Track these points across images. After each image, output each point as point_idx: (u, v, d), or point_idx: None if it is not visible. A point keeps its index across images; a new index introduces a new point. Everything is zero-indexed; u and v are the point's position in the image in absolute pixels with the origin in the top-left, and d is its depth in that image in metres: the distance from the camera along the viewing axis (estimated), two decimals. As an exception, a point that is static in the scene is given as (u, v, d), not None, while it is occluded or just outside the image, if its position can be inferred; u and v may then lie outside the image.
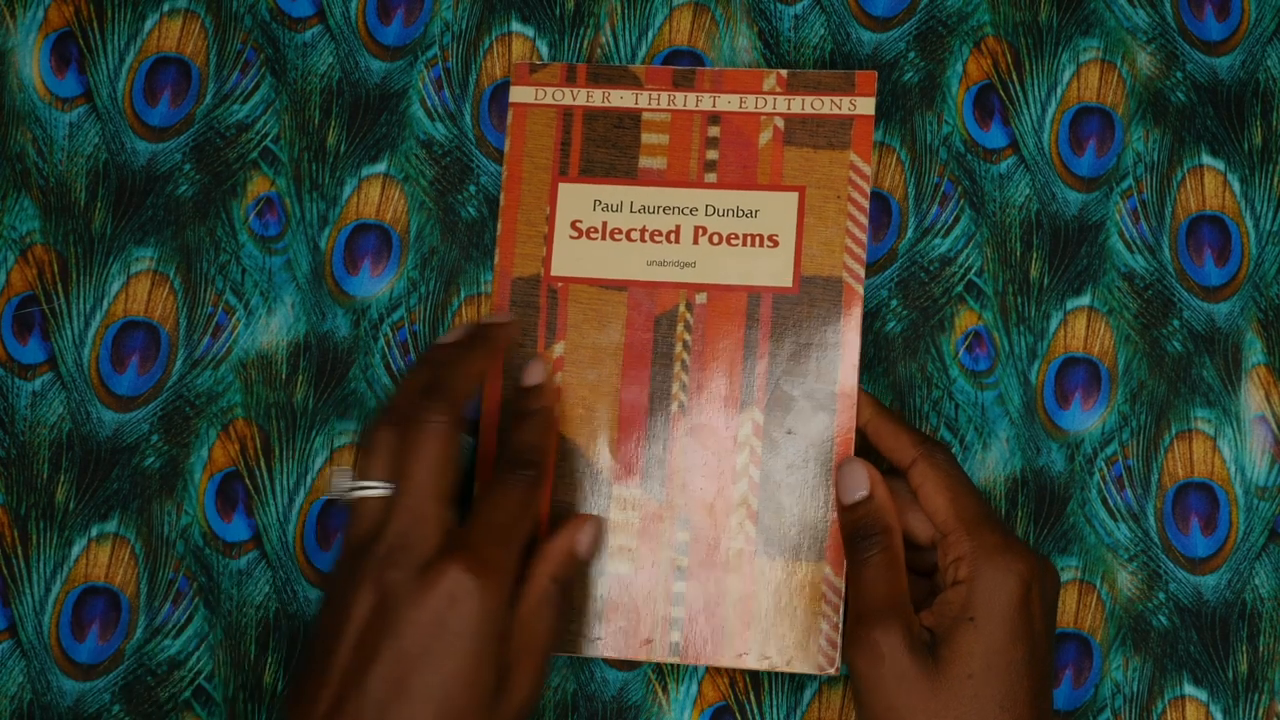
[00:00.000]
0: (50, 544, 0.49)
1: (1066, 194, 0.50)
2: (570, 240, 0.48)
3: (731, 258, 0.48)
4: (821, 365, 0.47)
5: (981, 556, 0.41)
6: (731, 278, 0.48)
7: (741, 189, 0.48)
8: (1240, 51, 0.51)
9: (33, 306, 0.50)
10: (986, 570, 0.41)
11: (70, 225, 0.50)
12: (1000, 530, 0.42)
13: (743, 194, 0.48)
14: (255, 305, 0.50)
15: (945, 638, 0.40)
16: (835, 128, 0.48)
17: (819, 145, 0.48)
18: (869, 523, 0.43)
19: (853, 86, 0.48)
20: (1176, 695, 0.48)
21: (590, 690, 0.48)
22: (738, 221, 0.48)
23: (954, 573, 0.42)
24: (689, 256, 0.48)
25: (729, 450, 0.47)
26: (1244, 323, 0.50)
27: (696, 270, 0.48)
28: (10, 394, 0.50)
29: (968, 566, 0.41)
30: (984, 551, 0.41)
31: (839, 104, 0.48)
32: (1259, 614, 0.48)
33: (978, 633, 0.40)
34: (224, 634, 0.48)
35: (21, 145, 0.51)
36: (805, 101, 0.48)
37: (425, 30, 0.52)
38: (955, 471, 0.44)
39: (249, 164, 0.51)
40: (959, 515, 0.42)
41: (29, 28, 0.51)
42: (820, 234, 0.47)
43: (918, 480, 0.43)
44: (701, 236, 0.48)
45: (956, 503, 0.42)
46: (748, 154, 0.48)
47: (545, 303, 0.48)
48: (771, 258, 0.47)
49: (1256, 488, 0.49)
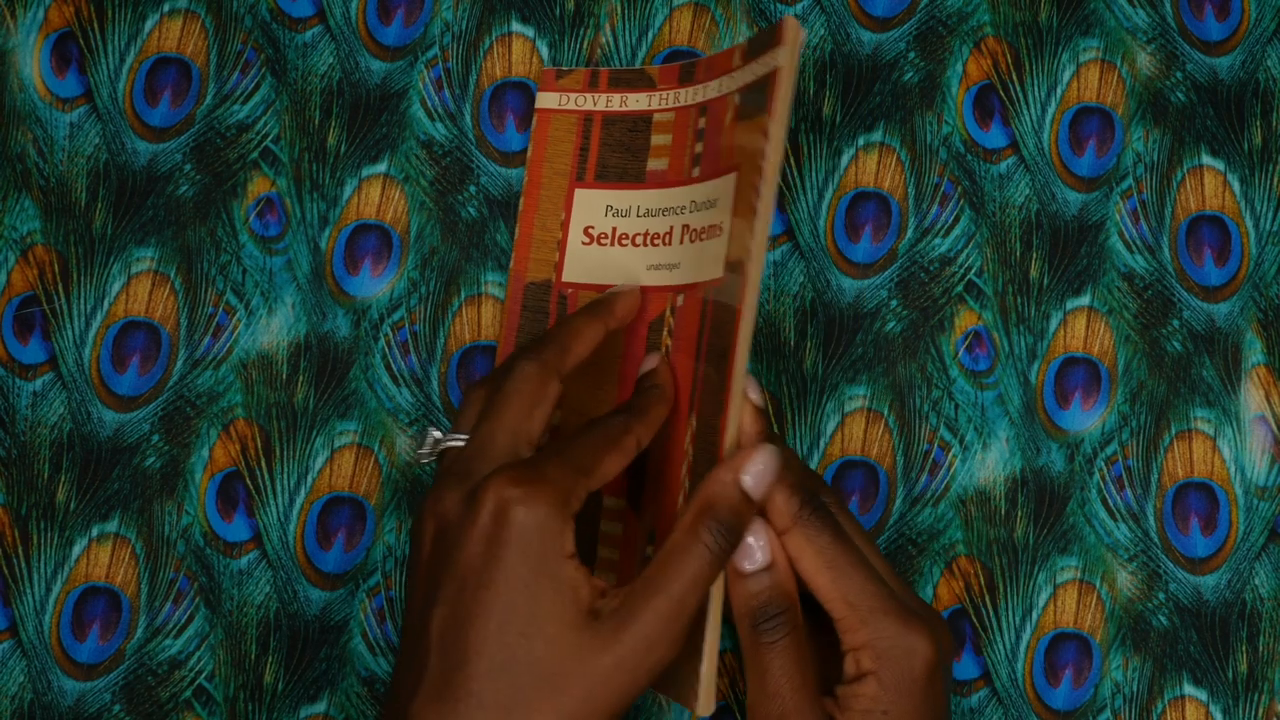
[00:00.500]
0: (51, 544, 0.49)
1: (1066, 194, 0.50)
2: (582, 247, 0.48)
3: (700, 253, 0.43)
4: (722, 366, 0.40)
5: (883, 644, 0.38)
6: (696, 275, 0.43)
7: (713, 178, 0.44)
8: (1240, 51, 0.51)
9: (33, 307, 0.50)
10: (891, 659, 0.38)
11: (71, 225, 0.50)
12: (894, 608, 0.38)
13: (712, 184, 0.44)
14: (256, 305, 0.50)
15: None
16: (758, 92, 0.41)
17: (749, 115, 0.42)
18: (772, 600, 0.38)
19: (776, 39, 0.40)
20: (1176, 695, 0.48)
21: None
22: (706, 214, 0.44)
23: (856, 664, 0.38)
24: (676, 258, 0.45)
25: (679, 461, 0.42)
26: (1244, 323, 0.50)
27: (679, 271, 0.45)
28: (11, 394, 0.50)
29: (870, 659, 0.38)
30: (885, 642, 0.38)
31: (769, 62, 0.40)
32: (1259, 614, 0.48)
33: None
34: (225, 634, 0.48)
35: (22, 145, 0.51)
36: (751, 69, 0.42)
37: (425, 30, 0.52)
38: (831, 543, 0.39)
39: (249, 164, 0.51)
40: (845, 599, 0.38)
41: (29, 28, 0.51)
42: (743, 215, 0.41)
43: (794, 553, 0.39)
44: (685, 235, 0.45)
45: (839, 583, 0.38)
46: (720, 140, 0.44)
47: (555, 309, 0.48)
48: (716, 247, 0.42)
49: (1256, 488, 0.49)
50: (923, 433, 0.49)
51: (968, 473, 0.49)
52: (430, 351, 0.50)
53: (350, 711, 0.48)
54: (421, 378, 0.50)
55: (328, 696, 0.48)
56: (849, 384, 0.50)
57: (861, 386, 0.50)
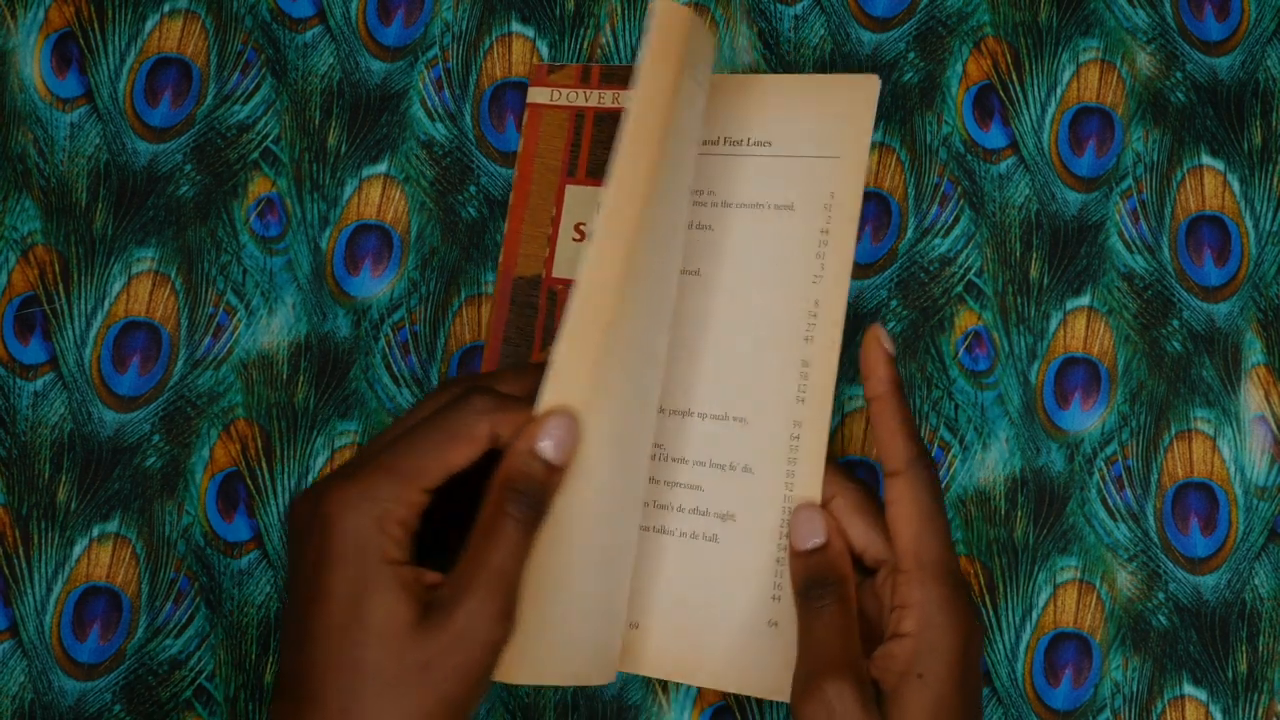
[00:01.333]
0: (51, 544, 0.49)
1: (1066, 194, 0.50)
2: (573, 243, 0.48)
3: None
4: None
5: (931, 611, 0.40)
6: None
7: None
8: (1240, 51, 0.51)
9: (34, 307, 0.50)
10: (934, 626, 0.40)
11: (71, 226, 0.51)
12: (951, 580, 0.41)
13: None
14: (256, 305, 0.50)
15: (893, 693, 0.40)
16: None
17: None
18: (824, 572, 0.41)
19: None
20: (1176, 695, 0.48)
21: (590, 690, 0.48)
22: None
23: (899, 621, 0.40)
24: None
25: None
26: (1244, 323, 0.50)
27: None
28: (12, 394, 0.50)
29: (914, 620, 0.40)
30: (933, 606, 0.40)
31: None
32: (1259, 614, 0.48)
33: (926, 689, 0.39)
34: (225, 634, 0.49)
35: (23, 146, 0.51)
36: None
37: (425, 31, 0.52)
38: (931, 501, 0.41)
39: (250, 164, 0.51)
40: (918, 556, 0.41)
41: (30, 28, 0.52)
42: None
43: (893, 496, 0.42)
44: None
45: (920, 539, 0.41)
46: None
47: (544, 304, 0.48)
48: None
49: (1256, 488, 0.49)
50: (923, 433, 0.49)
51: (968, 473, 0.49)
52: (430, 351, 0.50)
53: (350, 711, 0.48)
54: (421, 378, 0.50)
55: (328, 696, 0.48)
56: (848, 384, 0.50)
57: (861, 386, 0.50)
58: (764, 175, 0.45)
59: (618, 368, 0.40)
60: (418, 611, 0.36)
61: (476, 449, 0.39)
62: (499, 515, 0.37)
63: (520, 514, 0.38)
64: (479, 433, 0.39)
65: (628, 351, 0.40)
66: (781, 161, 0.45)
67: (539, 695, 0.48)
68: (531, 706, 0.48)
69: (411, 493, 0.38)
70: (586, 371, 0.39)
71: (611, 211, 0.39)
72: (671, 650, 0.44)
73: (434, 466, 0.38)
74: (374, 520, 0.37)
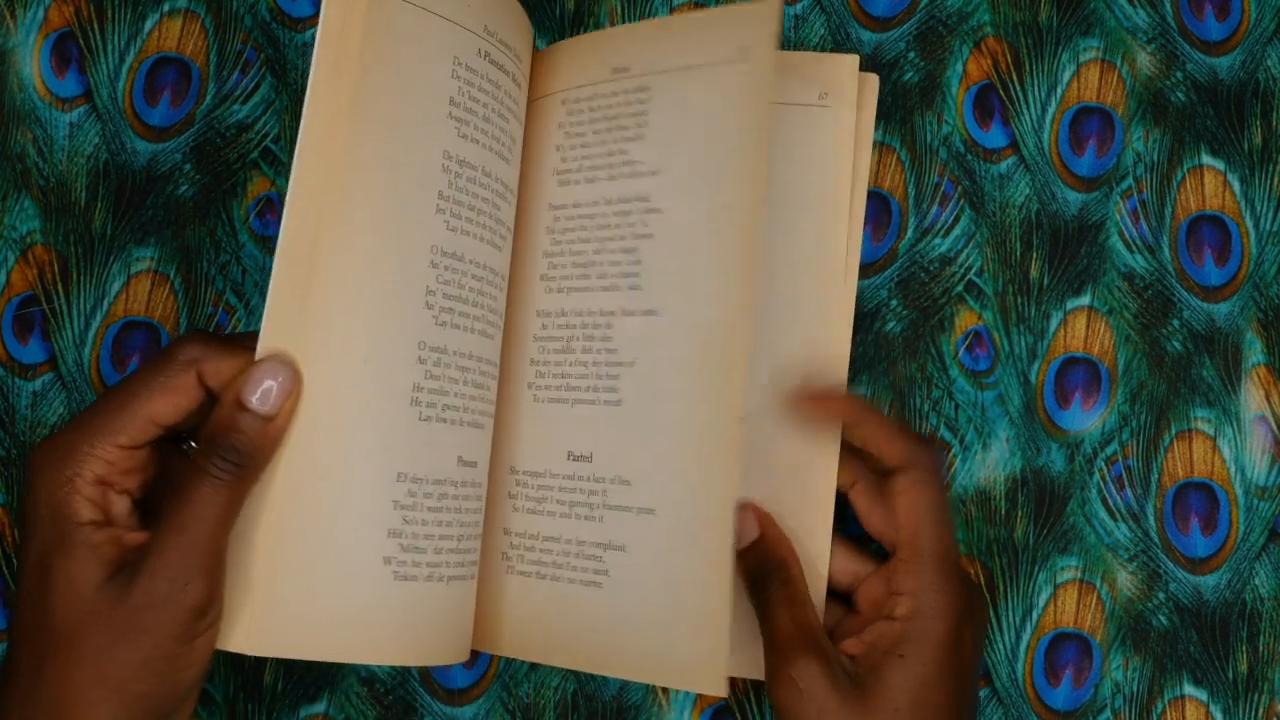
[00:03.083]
0: (51, 544, 0.49)
1: (1066, 194, 0.50)
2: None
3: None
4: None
5: (922, 600, 0.41)
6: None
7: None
8: (1240, 51, 0.51)
9: (33, 307, 0.50)
10: (923, 614, 0.40)
11: (70, 225, 0.50)
12: (945, 566, 0.41)
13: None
14: (256, 305, 0.50)
15: (873, 670, 0.40)
16: None
17: None
18: (763, 561, 0.43)
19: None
20: (1176, 695, 0.48)
21: (590, 690, 0.48)
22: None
23: (893, 607, 0.41)
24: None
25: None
26: (1244, 323, 0.50)
27: None
28: (11, 394, 0.50)
29: (906, 607, 0.41)
30: (925, 596, 0.41)
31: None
32: (1259, 614, 0.48)
33: (907, 669, 0.40)
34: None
35: (22, 145, 0.51)
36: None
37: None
38: (934, 494, 0.42)
39: (249, 164, 0.51)
40: (915, 548, 0.41)
41: (29, 28, 0.51)
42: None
43: (897, 489, 0.42)
44: None
45: (920, 534, 0.42)
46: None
47: None
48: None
49: (1256, 488, 0.49)
50: (923, 432, 0.49)
51: (968, 473, 0.49)
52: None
53: (350, 712, 0.48)
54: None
55: (327, 696, 0.48)
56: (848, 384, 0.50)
57: (862, 386, 0.50)
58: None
59: (353, 301, 0.37)
60: (107, 573, 0.36)
61: (185, 399, 0.37)
62: (199, 471, 0.36)
63: (220, 470, 0.36)
64: (183, 382, 0.37)
65: (364, 283, 0.37)
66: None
67: (539, 695, 0.48)
68: (531, 706, 0.48)
69: (107, 450, 0.37)
70: (298, 309, 0.36)
71: (303, 145, 0.37)
72: (538, 630, 0.42)
73: (131, 422, 0.37)
74: (65, 479, 0.36)
